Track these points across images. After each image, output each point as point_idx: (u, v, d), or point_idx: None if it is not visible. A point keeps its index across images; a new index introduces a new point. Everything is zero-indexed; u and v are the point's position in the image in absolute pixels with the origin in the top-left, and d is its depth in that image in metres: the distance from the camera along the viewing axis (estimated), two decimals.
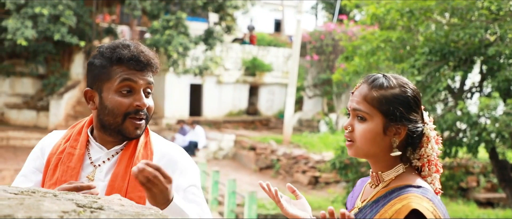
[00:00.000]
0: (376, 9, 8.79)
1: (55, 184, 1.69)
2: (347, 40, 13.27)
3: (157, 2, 15.39)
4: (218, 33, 16.43)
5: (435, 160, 1.59)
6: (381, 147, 1.52)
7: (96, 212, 0.97)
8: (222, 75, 19.01)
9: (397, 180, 1.54)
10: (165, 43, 14.69)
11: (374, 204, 1.54)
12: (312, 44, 18.74)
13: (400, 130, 1.51)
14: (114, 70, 1.72)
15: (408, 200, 1.44)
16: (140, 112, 1.73)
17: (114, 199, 1.12)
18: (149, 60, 1.75)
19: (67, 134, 1.84)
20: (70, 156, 1.76)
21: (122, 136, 1.75)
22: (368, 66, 9.45)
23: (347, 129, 1.55)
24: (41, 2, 13.06)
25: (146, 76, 1.75)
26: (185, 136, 15.54)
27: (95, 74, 1.75)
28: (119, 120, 1.73)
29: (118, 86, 1.72)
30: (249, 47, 20.14)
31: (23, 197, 1.04)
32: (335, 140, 13.17)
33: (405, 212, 1.41)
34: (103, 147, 1.79)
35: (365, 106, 1.51)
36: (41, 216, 0.88)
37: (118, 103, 1.72)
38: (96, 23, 16.73)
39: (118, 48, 1.74)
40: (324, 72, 18.95)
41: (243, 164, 15.35)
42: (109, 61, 1.73)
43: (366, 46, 9.31)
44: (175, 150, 1.86)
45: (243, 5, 17.62)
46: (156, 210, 1.08)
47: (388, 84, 1.51)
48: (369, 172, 1.65)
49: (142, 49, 1.77)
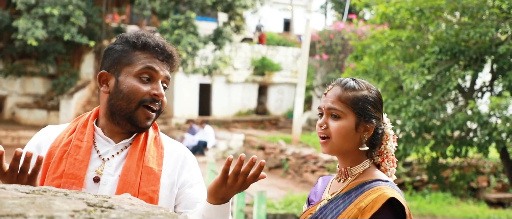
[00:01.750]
0: (386, 8, 8.76)
1: (61, 177, 1.65)
2: (356, 40, 13.22)
3: (166, 2, 15.44)
4: (227, 33, 16.45)
5: (392, 156, 1.76)
6: (353, 142, 1.69)
7: (106, 211, 0.96)
8: (231, 75, 19.03)
9: (364, 174, 1.71)
10: (175, 43, 14.73)
11: (346, 195, 1.68)
12: (321, 44, 18.71)
13: (369, 127, 1.69)
14: (137, 55, 1.70)
15: (383, 191, 1.61)
16: (156, 102, 1.71)
17: (124, 198, 1.12)
18: (172, 52, 1.75)
19: (70, 127, 1.78)
20: (77, 149, 1.70)
21: (131, 124, 1.71)
22: (377, 65, 9.42)
23: (322, 126, 1.70)
24: (51, 2, 13.14)
25: (166, 69, 1.74)
26: (195, 135, 15.58)
27: (115, 58, 1.72)
28: (133, 106, 1.68)
29: (139, 72, 1.69)
30: (258, 46, 20.15)
31: (34, 196, 1.05)
32: None
33: (382, 200, 1.58)
34: (110, 140, 1.74)
35: (339, 106, 1.68)
36: (52, 215, 0.88)
37: (136, 89, 1.68)
38: (106, 23, 16.82)
39: (144, 35, 1.73)
40: (333, 71, 18.90)
41: None
42: (133, 46, 1.71)
43: (376, 45, 9.28)
44: (183, 147, 1.87)
45: (252, 5, 17.62)
46: (166, 209, 1.09)
47: (359, 86, 1.70)
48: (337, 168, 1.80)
49: (165, 41, 1.77)
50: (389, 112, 8.66)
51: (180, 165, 1.80)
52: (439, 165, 9.73)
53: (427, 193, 11.83)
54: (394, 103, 8.56)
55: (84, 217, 0.90)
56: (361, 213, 1.60)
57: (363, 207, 1.60)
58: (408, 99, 8.28)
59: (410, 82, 7.99)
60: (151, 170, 1.72)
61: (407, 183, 12.15)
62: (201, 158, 15.33)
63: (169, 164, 1.78)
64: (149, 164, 1.72)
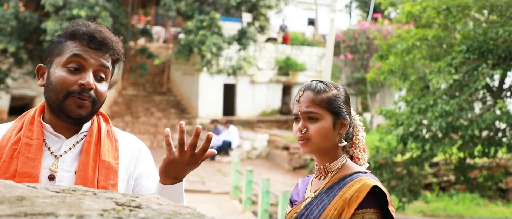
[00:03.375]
0: (412, 7, 8.66)
1: (14, 176, 1.57)
2: (381, 39, 13.10)
3: (191, 2, 15.54)
4: (251, 33, 16.47)
5: (362, 145, 1.87)
6: (332, 140, 1.78)
7: (134, 210, 0.97)
8: (256, 75, 19.04)
9: (343, 169, 1.80)
10: (199, 43, 14.82)
11: (329, 190, 1.77)
12: (346, 43, 18.59)
13: (345, 123, 1.79)
14: (67, 45, 1.63)
15: (365, 181, 1.70)
16: (84, 92, 1.61)
17: (151, 198, 1.13)
18: (104, 39, 1.64)
19: (17, 125, 1.69)
20: (27, 147, 1.62)
21: (65, 115, 1.63)
22: (403, 65, 9.33)
23: (302, 130, 1.77)
24: (79, 3, 13.35)
25: (101, 58, 1.64)
26: (219, 135, 15.64)
27: (50, 50, 1.66)
28: (60, 96, 1.60)
29: (66, 61, 1.61)
30: (282, 46, 20.13)
31: (65, 195, 1.06)
32: (369, 140, 13.00)
33: (366, 189, 1.68)
34: (60, 136, 1.67)
35: (315, 108, 1.76)
36: (82, 214, 0.89)
37: (62, 79, 1.60)
38: (132, 24, 17.00)
39: (78, 25, 1.65)
40: (358, 71, 18.76)
41: (276, 163, 15.35)
42: (64, 36, 1.65)
43: (402, 44, 9.19)
44: (136, 139, 1.83)
45: (276, 5, 17.60)
46: (193, 209, 1.09)
47: (328, 87, 1.79)
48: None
49: (102, 29, 1.67)
50: (415, 112, 8.56)
51: (135, 157, 1.77)
52: (467, 166, 9.57)
53: (455, 194, 11.65)
54: (420, 103, 8.46)
55: (113, 216, 0.90)
56: (347, 205, 1.68)
57: (348, 198, 1.69)
58: (435, 99, 8.17)
59: (437, 82, 7.89)
60: (109, 164, 1.68)
61: (434, 183, 11.98)
62: (226, 158, 15.38)
63: (125, 157, 1.75)
64: (105, 158, 1.68)
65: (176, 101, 19.03)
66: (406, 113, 8.85)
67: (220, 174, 13.73)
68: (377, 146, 9.52)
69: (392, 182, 9.57)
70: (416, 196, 9.56)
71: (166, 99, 18.98)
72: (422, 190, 10.14)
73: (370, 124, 17.91)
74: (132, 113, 17.83)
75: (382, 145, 9.43)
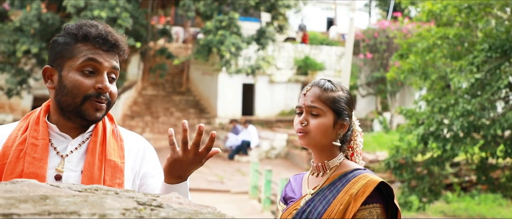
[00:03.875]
0: (433, 5, 8.57)
1: (20, 177, 1.57)
2: (401, 38, 12.99)
3: (210, 2, 15.59)
4: (270, 33, 16.46)
5: (360, 150, 1.92)
6: (329, 138, 1.83)
7: (156, 210, 0.97)
8: (274, 75, 19.03)
9: (341, 166, 1.86)
10: (218, 43, 14.86)
11: (331, 186, 1.81)
12: (365, 42, 18.47)
13: (345, 124, 1.85)
14: (78, 48, 1.62)
15: (370, 177, 1.77)
16: (102, 95, 1.63)
17: (172, 197, 1.14)
18: (116, 41, 1.66)
19: (22, 125, 1.69)
20: (34, 147, 1.62)
21: (81, 118, 1.64)
22: (423, 64, 9.24)
23: (303, 123, 1.82)
24: (100, 5, 13.50)
25: (112, 59, 1.65)
26: (238, 135, 15.67)
27: (57, 51, 1.64)
28: (78, 101, 1.61)
29: (80, 65, 1.61)
30: (301, 46, 20.08)
31: (87, 194, 1.07)
32: (389, 139, 12.91)
33: (373, 185, 1.74)
34: (66, 136, 1.67)
35: (319, 104, 1.82)
36: (104, 213, 0.90)
37: (79, 84, 1.60)
38: (151, 24, 17.13)
39: (85, 26, 1.64)
40: (377, 70, 18.63)
41: (295, 163, 15.32)
42: (74, 38, 1.62)
43: (422, 43, 9.10)
44: (141, 138, 1.84)
45: (295, 4, 17.57)
46: (213, 208, 1.10)
47: (335, 88, 1.86)
48: None
49: (110, 30, 1.68)
50: (435, 111, 8.47)
51: (141, 156, 1.78)
52: (489, 166, 9.43)
53: (476, 194, 11.50)
54: (441, 102, 8.38)
55: (135, 216, 0.91)
56: (353, 199, 1.73)
57: (354, 193, 1.74)
58: (456, 98, 8.08)
59: (458, 81, 7.80)
60: (115, 163, 1.68)
61: (455, 183, 11.84)
62: (245, 157, 15.40)
63: (130, 156, 1.75)
64: (111, 157, 1.69)
65: (195, 101, 19.12)
66: (427, 112, 8.76)
67: (239, 173, 13.76)
68: (397, 146, 9.44)
69: (412, 182, 9.49)
70: (437, 196, 9.47)
71: (185, 99, 19.08)
72: (443, 190, 10.03)
73: (390, 124, 17.76)
74: (151, 112, 17.97)
75: (402, 144, 9.35)
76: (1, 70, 14.23)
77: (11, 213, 0.85)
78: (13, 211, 0.86)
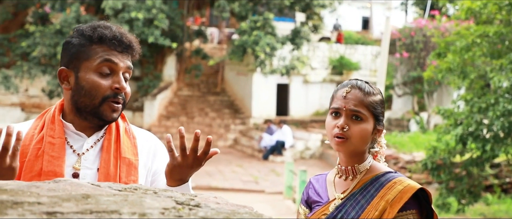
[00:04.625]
0: (472, 3, 8.40)
1: (39, 175, 1.62)
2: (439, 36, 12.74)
3: (245, 3, 15.65)
4: (305, 33, 16.41)
5: (383, 151, 1.86)
6: (367, 144, 1.77)
7: (194, 209, 0.99)
8: (309, 75, 18.96)
9: (371, 169, 1.78)
10: (253, 43, 14.90)
11: (363, 190, 1.74)
12: (401, 41, 18.20)
13: (380, 129, 1.79)
14: (94, 49, 1.65)
15: (407, 182, 1.70)
16: (119, 95, 1.67)
17: (210, 197, 1.15)
18: (131, 42, 1.69)
19: (37, 124, 1.73)
20: (51, 145, 1.66)
21: (98, 119, 1.68)
22: (462, 62, 9.05)
23: (344, 128, 1.72)
24: (137, 6, 13.73)
25: (126, 60, 1.69)
26: (272, 135, 15.67)
27: (73, 53, 1.66)
28: (96, 102, 1.65)
29: (97, 67, 1.64)
30: (336, 45, 19.94)
31: (127, 193, 1.09)
32: (426, 140, 12.69)
33: (411, 191, 1.67)
34: (82, 134, 1.71)
35: (363, 109, 1.73)
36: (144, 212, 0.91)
37: (97, 85, 1.64)
38: (187, 25, 17.31)
39: (99, 27, 1.67)
40: (414, 70, 18.32)
41: (330, 163, 15.22)
42: (89, 40, 1.65)
43: (461, 42, 8.92)
44: (152, 136, 1.87)
45: (330, 4, 17.46)
46: (250, 208, 1.11)
47: (374, 91, 1.78)
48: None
49: (124, 31, 1.71)
50: (475, 111, 8.30)
51: (152, 153, 1.81)
52: None
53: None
54: (481, 102, 8.20)
55: (174, 215, 0.92)
56: (389, 205, 1.67)
57: (390, 199, 1.67)
58: (496, 98, 7.89)
59: (499, 80, 7.62)
60: (129, 161, 1.72)
61: (495, 185, 11.55)
62: (279, 158, 15.40)
63: (143, 153, 1.78)
64: (126, 155, 1.72)
65: (230, 101, 19.23)
66: (466, 112, 8.59)
67: (274, 174, 13.77)
68: (434, 146, 9.28)
69: (451, 183, 9.31)
70: (476, 198, 9.26)
71: (220, 100, 19.21)
72: (482, 192, 9.80)
73: (427, 124, 17.46)
74: (187, 113, 18.16)
75: (440, 145, 9.18)
76: (43, 72, 14.64)
77: (55, 211, 0.87)
78: (57, 210, 0.88)
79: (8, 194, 0.96)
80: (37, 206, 0.89)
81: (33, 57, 14.40)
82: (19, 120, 15.94)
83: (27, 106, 16.79)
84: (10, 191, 1.00)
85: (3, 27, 16.22)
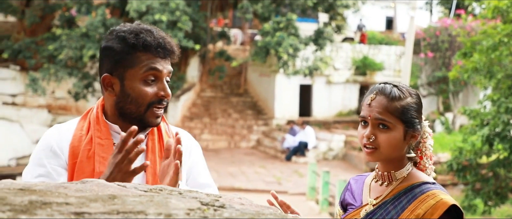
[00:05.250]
0: (499, 1, 8.26)
1: (92, 176, 1.63)
2: (465, 36, 12.56)
3: (268, 4, 15.65)
4: (328, 33, 16.33)
5: (429, 153, 1.76)
6: (400, 151, 1.69)
7: (219, 210, 0.99)
8: (332, 75, 18.88)
9: (409, 177, 1.71)
10: (276, 44, 14.89)
11: (395, 200, 1.69)
12: (426, 41, 17.99)
13: (416, 134, 1.70)
14: (139, 57, 1.66)
15: (440, 197, 1.61)
16: (163, 101, 1.70)
17: (234, 198, 1.15)
18: (173, 48, 1.71)
19: (83, 124, 1.75)
20: (101, 147, 1.69)
21: (143, 124, 1.70)
22: (489, 62, 8.91)
23: (370, 138, 1.66)
24: (160, 9, 13.84)
25: (168, 65, 1.71)
26: (295, 136, 15.65)
27: (117, 60, 1.67)
28: (142, 109, 1.68)
29: (144, 75, 1.66)
30: (359, 46, 19.82)
31: (152, 194, 1.10)
32: (451, 140, 12.53)
33: (443, 207, 1.58)
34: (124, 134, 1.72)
35: (388, 117, 1.66)
36: (170, 213, 0.91)
37: (144, 93, 1.66)
38: (210, 27, 17.39)
39: (142, 33, 1.67)
40: (439, 70, 18.10)
41: (353, 164, 15.13)
42: (133, 48, 1.66)
43: (487, 41, 8.78)
44: (187, 134, 1.91)
45: (353, 4, 17.35)
46: (275, 209, 1.10)
47: (403, 94, 1.69)
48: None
49: (164, 35, 1.71)
50: (502, 111, 8.16)
51: (188, 151, 1.84)
52: None
53: None
54: (508, 102, 8.07)
55: (199, 216, 0.92)
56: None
57: (421, 214, 1.60)
58: None
59: None
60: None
61: None
62: (302, 158, 15.37)
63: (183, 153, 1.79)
64: None
65: (252, 102, 19.26)
66: (492, 112, 8.46)
67: (297, 174, 13.74)
68: (460, 147, 9.16)
69: (477, 184, 9.18)
70: (503, 199, 9.11)
71: (243, 101, 19.26)
72: (509, 194, 9.63)
73: (452, 124, 17.23)
74: (210, 114, 18.25)
75: (466, 145, 9.06)
76: (69, 75, 14.87)
77: (83, 212, 0.88)
78: (85, 210, 0.89)
79: (37, 195, 0.97)
80: (65, 207, 0.91)
81: (59, 60, 14.64)
82: (46, 122, 16.24)
83: (53, 108, 17.09)
84: (39, 191, 1.01)
85: (31, 30, 16.54)
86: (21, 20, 16.77)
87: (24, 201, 0.91)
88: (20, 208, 0.87)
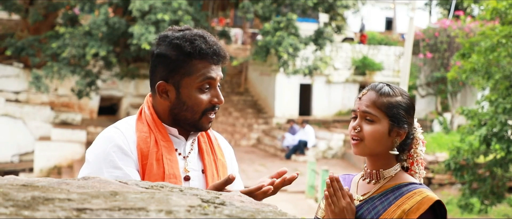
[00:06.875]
0: (497, 3, 8.33)
1: (163, 178, 1.66)
2: (464, 37, 12.62)
3: (269, 4, 15.71)
4: (328, 33, 16.40)
5: (421, 159, 1.81)
6: (384, 146, 1.73)
7: (219, 207, 1.00)
8: (332, 75, 18.94)
9: (396, 177, 1.76)
10: (276, 44, 14.96)
11: (382, 197, 1.73)
12: (425, 42, 18.05)
13: (401, 132, 1.73)
14: (195, 65, 1.67)
15: (426, 194, 1.67)
16: (216, 107, 1.73)
17: (234, 195, 1.18)
18: (225, 54, 1.73)
19: (142, 126, 1.73)
20: (166, 149, 1.70)
21: (196, 129, 1.74)
22: (487, 63, 8.98)
23: (356, 129, 1.73)
24: (163, 8, 13.89)
25: (220, 71, 1.72)
26: (295, 135, 15.73)
27: (172, 68, 1.67)
28: (198, 116, 1.70)
29: (200, 84, 1.68)
30: (359, 46, 19.87)
31: (153, 191, 1.11)
32: (449, 140, 12.61)
33: (428, 203, 1.65)
34: (181, 138, 1.76)
35: (374, 110, 1.72)
36: (170, 210, 0.92)
37: (199, 101, 1.68)
38: (212, 26, 17.45)
39: (197, 41, 1.67)
40: (438, 70, 18.16)
41: (352, 163, 15.22)
42: (189, 56, 1.66)
43: (485, 42, 8.85)
44: (223, 137, 1.97)
45: (353, 5, 17.41)
46: (274, 207, 1.13)
47: (393, 92, 1.74)
48: None
49: (216, 41, 1.73)
50: (499, 112, 8.23)
51: (227, 153, 1.91)
52: None
53: None
54: (506, 102, 8.14)
55: (199, 213, 0.94)
56: (405, 214, 1.65)
57: (407, 209, 1.66)
58: None
59: None
60: (223, 163, 1.83)
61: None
62: (302, 157, 15.45)
63: (226, 153, 1.89)
64: (219, 157, 1.82)
65: (253, 101, 19.33)
66: (490, 112, 8.53)
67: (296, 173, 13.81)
68: (458, 147, 9.23)
69: (474, 184, 9.26)
70: (499, 199, 9.19)
71: (244, 100, 19.34)
72: (506, 193, 9.72)
73: (450, 124, 17.30)
74: None
75: (463, 145, 9.13)
76: (72, 73, 14.95)
77: (84, 208, 0.89)
78: (86, 206, 0.90)
79: (40, 191, 0.98)
80: (67, 203, 0.91)
81: (62, 58, 14.70)
82: (49, 119, 16.32)
83: (56, 105, 17.17)
84: (41, 187, 1.01)
85: (34, 28, 16.62)
86: (25, 18, 16.86)
87: (26, 197, 0.91)
88: (22, 204, 0.87)
